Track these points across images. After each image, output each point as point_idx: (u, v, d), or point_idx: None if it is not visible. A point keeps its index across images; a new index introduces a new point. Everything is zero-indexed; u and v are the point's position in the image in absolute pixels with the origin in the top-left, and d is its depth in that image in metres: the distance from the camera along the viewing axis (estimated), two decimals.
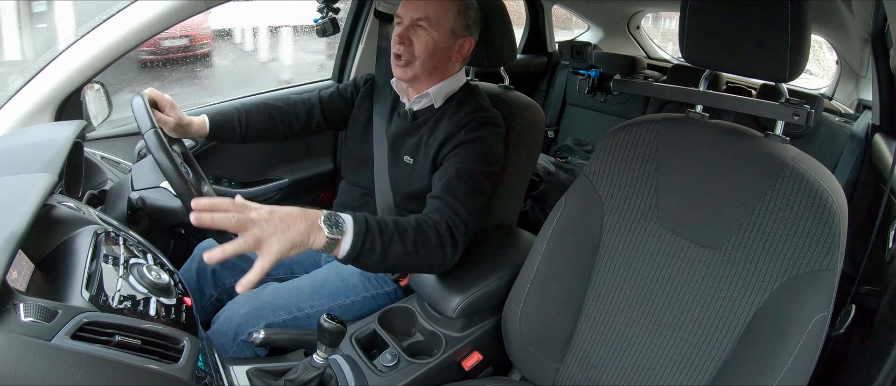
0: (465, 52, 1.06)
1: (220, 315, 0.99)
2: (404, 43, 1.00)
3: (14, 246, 0.53)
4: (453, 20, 1.01)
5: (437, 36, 1.00)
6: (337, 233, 0.72)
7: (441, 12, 1.00)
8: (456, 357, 0.97)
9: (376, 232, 0.76)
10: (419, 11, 0.99)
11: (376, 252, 0.76)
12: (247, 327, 0.95)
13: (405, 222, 0.82)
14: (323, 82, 1.77)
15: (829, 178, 0.74)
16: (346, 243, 0.74)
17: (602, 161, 0.91)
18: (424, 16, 0.99)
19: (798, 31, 0.71)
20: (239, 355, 0.96)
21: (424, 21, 0.99)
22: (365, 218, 0.77)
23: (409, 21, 1.00)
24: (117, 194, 1.00)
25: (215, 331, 0.97)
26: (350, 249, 0.74)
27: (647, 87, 1.23)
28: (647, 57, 2.71)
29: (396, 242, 0.79)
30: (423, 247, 0.83)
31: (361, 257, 0.76)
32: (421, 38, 1.00)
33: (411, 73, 1.03)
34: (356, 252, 0.75)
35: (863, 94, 1.83)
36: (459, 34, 1.04)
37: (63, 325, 0.51)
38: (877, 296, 0.96)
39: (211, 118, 1.11)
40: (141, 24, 1.10)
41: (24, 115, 1.05)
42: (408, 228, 0.81)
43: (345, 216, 0.75)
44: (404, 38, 1.00)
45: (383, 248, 0.77)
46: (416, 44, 1.00)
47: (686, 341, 0.80)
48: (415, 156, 1.05)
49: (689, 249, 0.81)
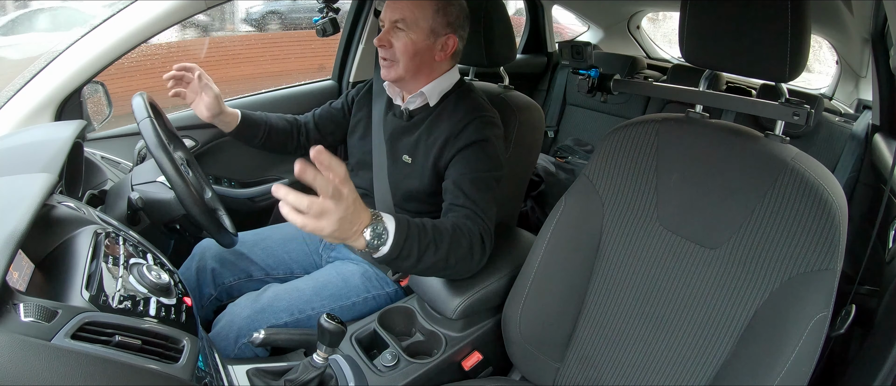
0: (450, 50, 1.06)
1: (222, 318, 0.99)
2: (384, 45, 1.03)
3: (14, 246, 0.53)
4: (431, 19, 1.02)
5: (415, 36, 1.01)
6: (377, 244, 0.74)
7: (417, 13, 1.01)
8: (456, 357, 0.97)
9: (415, 240, 0.78)
10: (396, 13, 1.01)
11: (412, 259, 0.78)
12: (249, 330, 0.96)
13: (442, 228, 0.83)
14: (323, 83, 1.77)
15: (829, 178, 0.74)
16: (383, 251, 0.75)
17: (602, 161, 0.91)
18: (401, 17, 1.01)
19: (798, 31, 0.71)
20: (243, 356, 0.96)
21: (401, 22, 1.01)
22: (407, 225, 0.77)
23: (389, 23, 1.02)
24: (117, 194, 1.00)
25: (217, 333, 0.97)
26: (386, 254, 0.75)
27: (647, 87, 1.22)
28: (647, 57, 2.71)
29: (430, 250, 0.80)
30: (455, 254, 0.84)
31: (395, 262, 0.78)
32: (400, 40, 1.02)
33: (395, 74, 1.04)
34: (392, 258, 0.76)
35: (863, 94, 1.83)
36: (440, 33, 1.04)
37: (63, 325, 0.52)
38: (877, 296, 0.96)
39: (243, 116, 1.16)
40: (141, 24, 1.10)
41: (24, 115, 1.05)
42: (444, 236, 0.83)
43: (389, 223, 0.76)
44: (384, 40, 1.03)
45: (418, 257, 0.79)
46: (395, 45, 1.02)
47: (686, 341, 0.80)
48: (413, 155, 1.05)
49: (690, 249, 0.81)
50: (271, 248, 1.18)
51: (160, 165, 0.87)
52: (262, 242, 1.18)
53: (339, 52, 1.75)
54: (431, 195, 1.04)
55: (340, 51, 1.75)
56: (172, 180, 0.88)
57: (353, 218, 0.68)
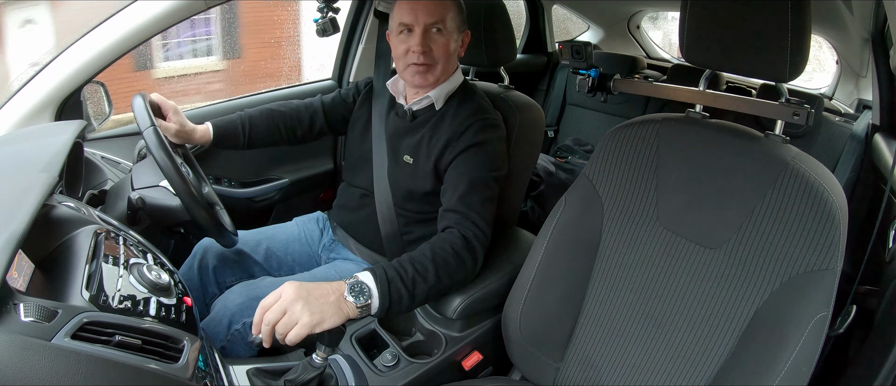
0: (465, 47, 1.09)
1: (216, 305, 1.00)
2: (426, 51, 1.00)
3: (14, 246, 0.53)
4: (458, 18, 1.03)
5: (449, 37, 1.02)
6: (364, 300, 0.77)
7: (448, 13, 1.01)
8: (456, 357, 0.97)
9: (398, 281, 0.80)
10: (433, 16, 1.00)
11: (404, 299, 0.81)
12: (241, 318, 0.96)
13: (421, 257, 0.85)
14: (323, 83, 1.77)
15: (829, 178, 0.74)
16: (375, 304, 0.78)
17: (602, 161, 0.91)
18: (438, 19, 1.00)
19: (798, 31, 0.71)
20: (232, 346, 0.97)
21: (440, 24, 1.00)
22: (383, 271, 0.80)
23: (424, 27, 1.00)
24: (117, 194, 1.00)
25: (209, 320, 0.98)
26: (379, 308, 0.78)
27: (647, 87, 1.22)
28: (647, 57, 2.71)
29: (419, 282, 0.82)
30: (445, 272, 0.86)
31: (392, 308, 0.80)
32: (438, 43, 1.01)
33: (433, 78, 1.03)
34: (386, 308, 0.79)
35: (863, 94, 1.83)
36: (461, 30, 1.06)
37: (63, 325, 0.51)
38: (877, 296, 0.96)
39: (215, 126, 1.12)
40: (141, 24, 1.10)
41: (24, 115, 1.05)
42: (426, 263, 0.84)
43: (363, 278, 0.78)
44: (425, 46, 1.00)
45: (410, 293, 0.81)
46: (434, 49, 1.01)
47: (686, 341, 0.80)
48: (415, 155, 1.05)
49: (689, 249, 0.81)
50: (272, 248, 1.18)
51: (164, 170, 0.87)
52: (263, 243, 1.18)
53: (339, 52, 1.75)
54: (431, 195, 1.04)
55: (340, 51, 1.75)
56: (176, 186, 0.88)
57: (317, 292, 0.72)
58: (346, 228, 1.19)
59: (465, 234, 0.91)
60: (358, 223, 1.15)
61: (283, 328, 0.70)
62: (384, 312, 0.79)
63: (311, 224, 1.25)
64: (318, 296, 0.72)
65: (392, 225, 1.08)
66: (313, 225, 1.24)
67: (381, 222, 1.08)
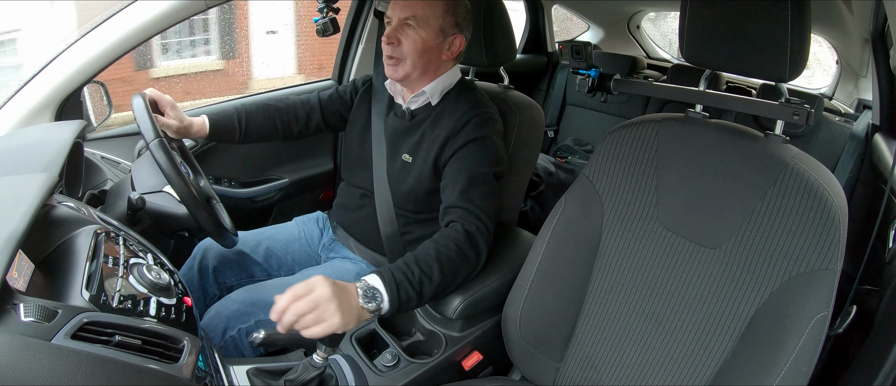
0: (456, 50, 1.06)
1: (212, 309, 1.00)
2: (393, 43, 1.01)
3: (14, 246, 0.53)
4: (441, 18, 1.01)
5: (425, 35, 1.01)
6: (376, 304, 0.79)
7: (428, 11, 1.00)
8: (456, 357, 0.97)
9: (406, 283, 0.82)
10: (407, 11, 1.00)
11: (412, 300, 0.83)
12: (237, 323, 0.96)
13: (426, 257, 0.86)
14: (323, 83, 1.77)
15: (829, 178, 0.74)
16: (385, 307, 0.80)
17: (602, 161, 0.91)
18: (412, 15, 0.99)
19: (798, 31, 0.71)
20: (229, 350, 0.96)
21: (412, 20, 1.00)
22: (391, 274, 0.81)
23: (398, 21, 1.00)
24: (117, 194, 1.00)
25: (205, 324, 0.97)
26: (389, 311, 0.81)
27: (647, 87, 1.23)
28: (647, 57, 2.71)
29: (425, 282, 0.84)
30: (450, 269, 0.87)
31: (401, 309, 0.82)
32: (409, 38, 1.00)
33: (402, 73, 1.03)
34: (395, 310, 0.81)
35: (863, 94, 1.83)
36: (448, 32, 1.03)
37: (63, 325, 0.52)
38: (877, 296, 0.96)
39: (211, 119, 1.11)
40: (141, 24, 1.10)
41: (24, 115, 1.05)
42: (431, 263, 0.85)
43: (372, 281, 0.80)
44: (393, 37, 1.01)
45: (417, 293, 0.83)
46: (404, 43, 1.01)
47: (686, 341, 0.80)
48: (414, 154, 1.05)
49: (689, 249, 0.81)
50: (272, 248, 1.18)
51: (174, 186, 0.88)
52: (263, 243, 1.17)
53: (339, 52, 1.75)
54: (431, 194, 1.04)
55: (340, 51, 1.75)
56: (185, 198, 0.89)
57: (342, 293, 0.73)
58: (346, 227, 1.19)
59: (468, 228, 0.91)
60: (358, 223, 1.15)
61: (312, 322, 0.70)
62: (393, 314, 0.82)
63: (310, 224, 1.25)
64: (347, 298, 0.74)
65: (392, 225, 1.08)
66: (313, 225, 1.24)
67: (381, 223, 1.08)
